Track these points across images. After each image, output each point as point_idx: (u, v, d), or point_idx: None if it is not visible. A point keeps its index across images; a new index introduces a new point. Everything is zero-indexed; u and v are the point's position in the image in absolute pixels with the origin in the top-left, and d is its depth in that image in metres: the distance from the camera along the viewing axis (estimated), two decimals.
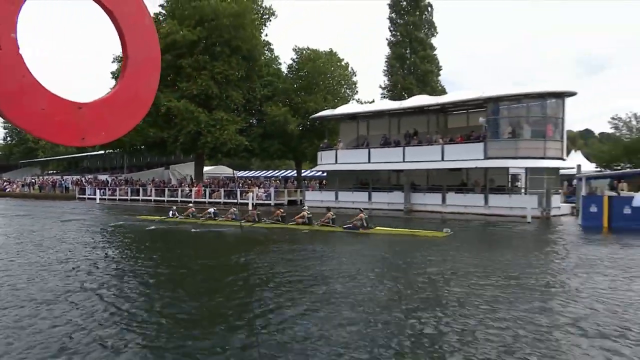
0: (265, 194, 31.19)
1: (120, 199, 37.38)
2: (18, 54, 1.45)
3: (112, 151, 45.05)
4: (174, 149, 35.67)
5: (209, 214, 19.22)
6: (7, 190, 50.02)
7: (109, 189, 40.11)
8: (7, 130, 71.05)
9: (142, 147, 37.69)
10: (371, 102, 35.78)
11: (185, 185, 37.16)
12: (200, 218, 19.38)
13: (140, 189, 37.49)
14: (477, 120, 23.55)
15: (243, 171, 53.67)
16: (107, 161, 54.03)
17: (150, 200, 35.57)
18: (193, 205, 22.37)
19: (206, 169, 42.93)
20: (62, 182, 47.81)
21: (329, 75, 36.64)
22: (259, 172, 53.05)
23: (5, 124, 59.28)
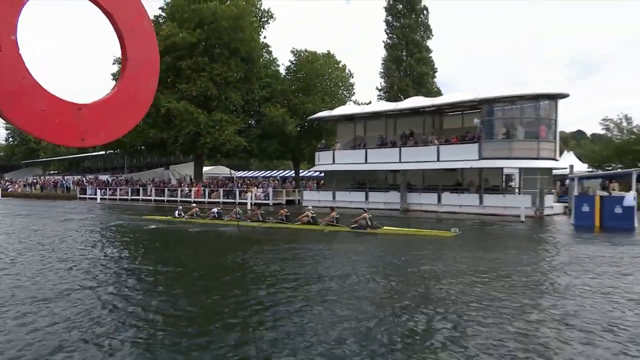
0: (264, 194, 31.17)
1: (120, 199, 37.29)
2: (18, 56, 1.45)
3: (112, 152, 44.99)
4: (173, 150, 35.61)
5: (213, 214, 19.08)
6: (9, 190, 49.84)
7: (109, 189, 40.02)
8: (9, 131, 70.87)
9: (142, 148, 37.65)
10: (368, 103, 35.74)
11: (185, 185, 37.12)
12: (206, 218, 19.22)
13: (141, 189, 37.41)
14: (472, 121, 23.60)
15: (242, 171, 53.61)
16: (107, 161, 53.95)
17: (151, 200, 35.50)
18: (196, 205, 22.24)
19: (205, 169, 42.86)
20: (64, 182, 47.69)
21: (327, 77, 36.62)
22: (257, 172, 53.03)
23: (6, 125, 59.05)
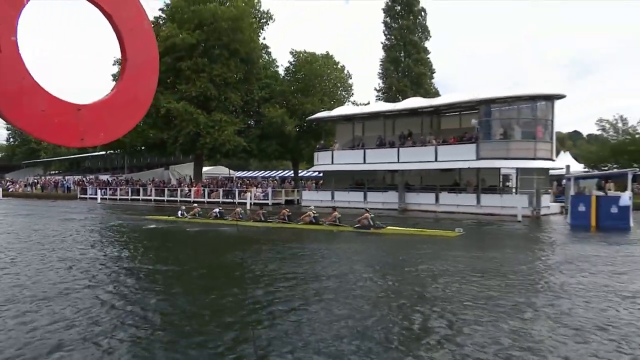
0: (263, 194, 31.18)
1: (120, 199, 37.23)
2: (18, 57, 1.45)
3: (113, 152, 44.91)
4: (173, 150, 35.57)
5: (215, 214, 18.99)
6: (10, 190, 49.73)
7: (110, 189, 39.95)
8: (10, 132, 70.78)
9: (142, 148, 37.60)
10: (366, 104, 35.77)
11: (185, 185, 37.08)
12: (208, 218, 19.11)
13: (141, 189, 37.37)
14: (469, 122, 23.61)
15: (241, 171, 53.58)
16: (108, 162, 53.89)
17: (151, 200, 35.45)
18: (198, 205, 22.15)
19: (205, 169, 42.82)
20: (64, 182, 47.60)
21: (326, 77, 36.59)
22: (256, 172, 53.01)
23: (7, 125, 58.90)
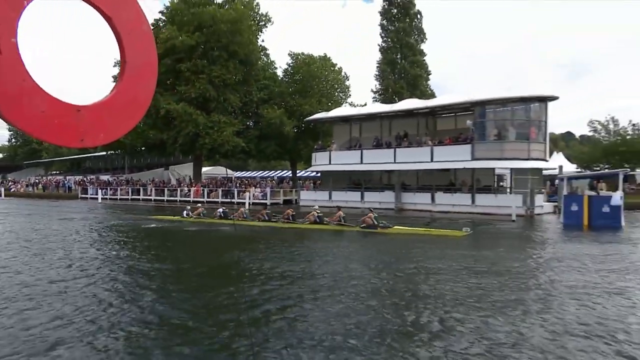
0: (262, 194, 31.15)
1: (121, 199, 37.12)
2: (19, 58, 1.44)
3: (113, 152, 44.81)
4: (173, 150, 35.50)
5: (219, 214, 18.84)
6: (12, 190, 49.54)
7: (110, 189, 39.83)
8: (11, 132, 70.54)
9: (142, 149, 37.52)
10: (363, 105, 35.83)
11: (184, 185, 36.99)
12: (213, 217, 18.95)
13: (141, 189, 37.27)
14: (464, 122, 23.66)
15: (240, 172, 53.51)
16: (108, 162, 53.74)
17: (150, 199, 35.35)
18: (202, 205, 22.01)
19: (204, 169, 42.73)
20: (65, 182, 47.44)
21: (323, 79, 36.61)
22: (255, 172, 52.96)
23: (9, 126, 58.65)
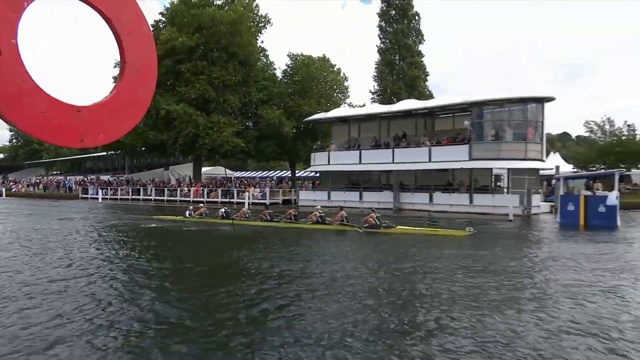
0: (261, 194, 31.16)
1: (121, 199, 37.09)
2: (19, 59, 1.44)
3: (114, 153, 44.77)
4: (173, 151, 35.47)
5: (222, 214, 18.72)
6: (13, 190, 49.46)
7: (110, 189, 39.79)
8: (12, 133, 70.48)
9: (142, 149, 37.48)
10: (362, 106, 35.83)
11: (184, 185, 36.97)
12: (216, 217, 18.80)
13: (141, 189, 37.24)
14: (462, 123, 23.68)
15: (239, 172, 53.47)
16: (109, 162, 53.69)
17: (151, 199, 35.32)
18: (204, 205, 21.93)
19: (204, 169, 42.71)
20: (66, 182, 47.40)
21: (322, 80, 36.61)
22: (254, 172, 52.93)
23: (10, 127, 58.56)
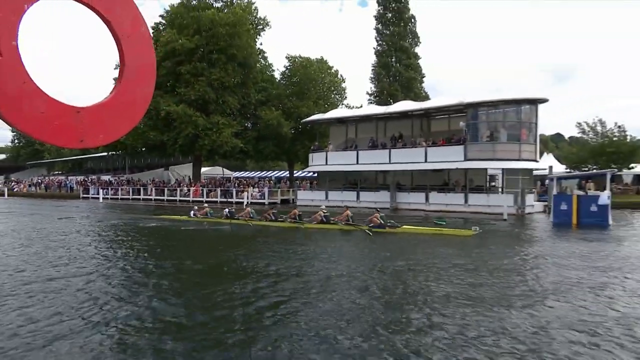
0: (260, 194, 31.12)
1: (122, 199, 36.98)
2: (19, 61, 1.44)
3: (114, 153, 44.56)
4: (173, 151, 35.40)
5: (226, 214, 18.60)
6: (15, 190, 49.33)
7: (111, 189, 39.67)
8: (14, 134, 70.14)
9: (142, 149, 37.38)
10: (359, 107, 35.88)
11: (184, 185, 36.89)
12: (220, 217, 18.71)
13: (141, 189, 37.14)
14: (457, 124, 23.74)
15: (238, 172, 53.40)
16: (109, 162, 53.52)
17: (151, 199, 35.23)
18: (208, 206, 21.85)
19: (203, 169, 42.66)
20: (67, 182, 47.28)
21: (320, 81, 36.67)
22: (253, 172, 52.87)
23: (12, 127, 58.35)
